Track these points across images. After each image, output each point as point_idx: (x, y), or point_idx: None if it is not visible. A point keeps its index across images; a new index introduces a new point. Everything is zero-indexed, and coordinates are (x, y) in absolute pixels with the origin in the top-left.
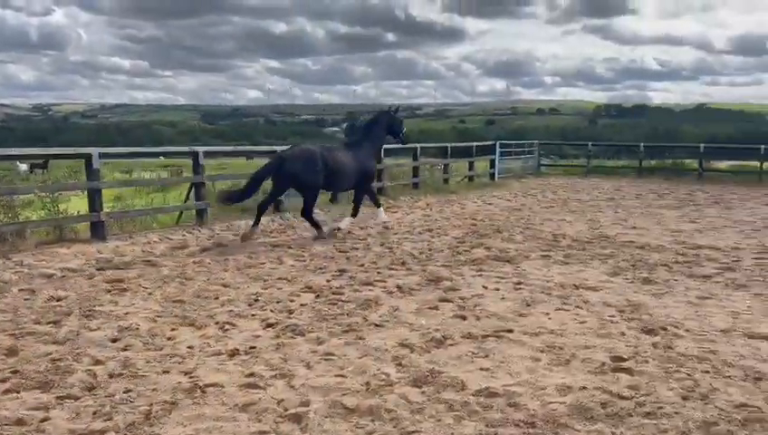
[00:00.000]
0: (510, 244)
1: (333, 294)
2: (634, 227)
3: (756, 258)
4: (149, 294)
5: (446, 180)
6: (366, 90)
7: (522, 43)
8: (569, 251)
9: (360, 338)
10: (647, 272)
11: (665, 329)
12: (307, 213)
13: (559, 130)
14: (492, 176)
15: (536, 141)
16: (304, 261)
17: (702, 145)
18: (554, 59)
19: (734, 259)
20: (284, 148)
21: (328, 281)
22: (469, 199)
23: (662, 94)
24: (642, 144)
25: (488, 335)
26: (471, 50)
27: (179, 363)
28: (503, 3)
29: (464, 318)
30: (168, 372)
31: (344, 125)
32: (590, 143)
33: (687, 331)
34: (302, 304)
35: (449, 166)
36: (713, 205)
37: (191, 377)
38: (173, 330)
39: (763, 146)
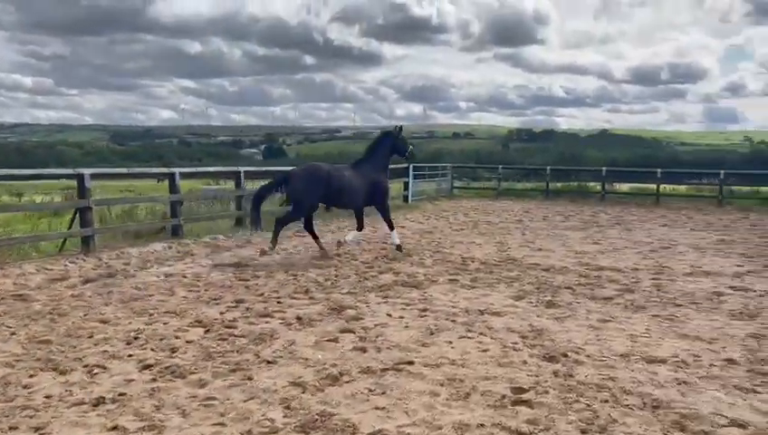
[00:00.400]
0: (419, 268)
1: (225, 328)
2: (540, 249)
3: (653, 279)
4: (12, 334)
5: None
6: (284, 111)
7: (437, 69)
8: (476, 275)
9: (249, 378)
10: (550, 295)
11: (566, 356)
12: (282, 223)
13: (474, 153)
14: (405, 198)
15: (449, 164)
16: (198, 291)
17: (604, 168)
18: (468, 85)
19: (634, 280)
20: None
21: (221, 313)
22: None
23: (568, 120)
24: (549, 167)
25: (388, 369)
26: (388, 74)
27: (31, 417)
28: (418, 29)
29: (364, 350)
30: (15, 428)
31: (262, 147)
32: (500, 166)
33: (588, 356)
34: (187, 341)
35: None
36: (614, 226)
37: (42, 434)
38: (32, 376)
39: (659, 170)
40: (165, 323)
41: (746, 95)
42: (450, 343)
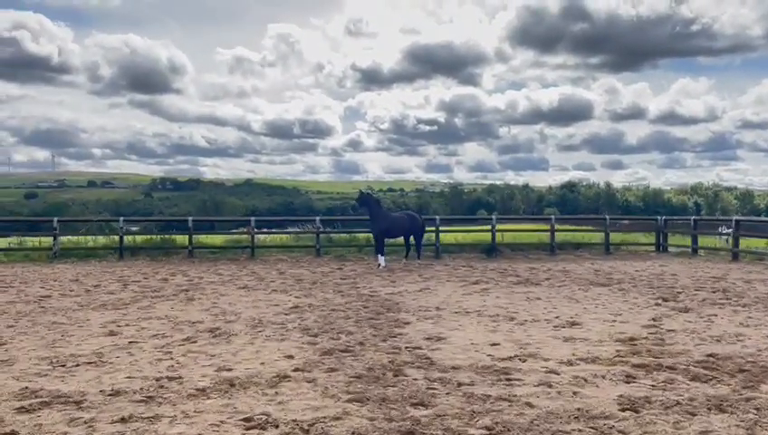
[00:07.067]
0: None
1: None
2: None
3: (121, 420)
4: None
5: None
6: None
7: (64, 113)
8: None
9: None
10: None
11: None
12: (420, 246)
13: (112, 202)
14: None
15: None
16: None
17: (191, 218)
18: (102, 131)
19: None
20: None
21: None
22: None
23: (213, 169)
24: (122, 218)
25: None
26: (2, 115)
27: None
28: (35, 68)
29: None
30: None
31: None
32: (55, 219)
33: None
34: None
35: None
36: (178, 295)
37: None
38: None
39: (253, 218)
40: None
41: (364, 150)
42: None
